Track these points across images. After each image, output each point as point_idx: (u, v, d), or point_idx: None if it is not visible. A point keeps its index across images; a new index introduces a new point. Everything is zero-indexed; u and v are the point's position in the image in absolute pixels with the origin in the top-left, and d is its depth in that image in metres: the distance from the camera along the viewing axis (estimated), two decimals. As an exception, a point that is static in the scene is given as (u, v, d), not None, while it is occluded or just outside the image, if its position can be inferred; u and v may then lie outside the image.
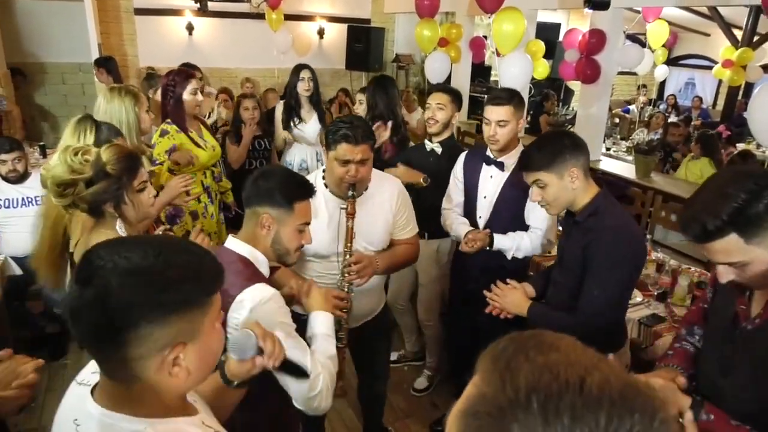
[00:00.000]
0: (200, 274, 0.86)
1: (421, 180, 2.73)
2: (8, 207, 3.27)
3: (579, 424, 0.49)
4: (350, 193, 1.96)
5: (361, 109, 3.63)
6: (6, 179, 3.26)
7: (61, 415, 0.97)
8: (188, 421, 0.92)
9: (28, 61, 6.73)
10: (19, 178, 3.28)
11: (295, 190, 1.61)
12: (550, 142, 1.84)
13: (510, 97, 2.38)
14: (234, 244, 1.61)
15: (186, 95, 3.02)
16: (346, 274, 1.98)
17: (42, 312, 3.60)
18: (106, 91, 2.65)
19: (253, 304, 1.44)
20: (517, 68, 4.12)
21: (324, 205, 2.07)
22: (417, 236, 2.30)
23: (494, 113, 2.37)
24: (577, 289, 1.88)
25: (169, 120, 3.02)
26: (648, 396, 0.53)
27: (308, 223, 1.66)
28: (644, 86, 9.69)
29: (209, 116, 4.13)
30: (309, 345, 1.57)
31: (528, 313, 1.96)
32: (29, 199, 3.29)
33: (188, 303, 0.84)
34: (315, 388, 1.46)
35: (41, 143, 4.83)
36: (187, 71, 3.22)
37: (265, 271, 1.62)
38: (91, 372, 0.97)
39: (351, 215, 1.96)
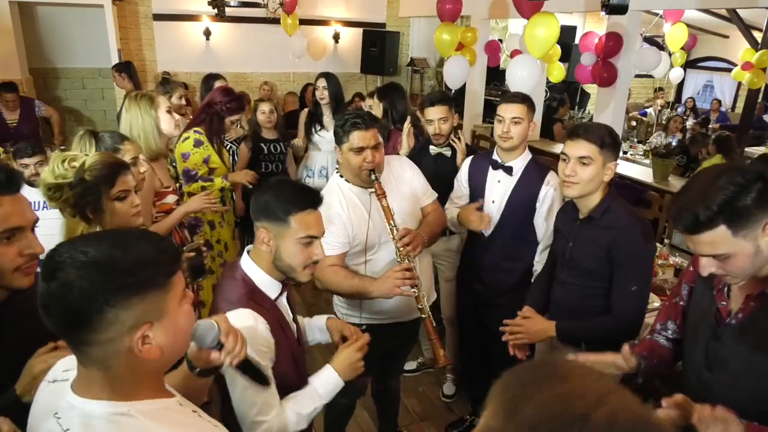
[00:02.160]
0: (156, 257, 0.92)
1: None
2: (30, 210, 3.32)
3: None
4: (373, 177, 2.03)
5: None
6: (29, 183, 3.31)
7: (36, 413, 1.00)
8: (166, 402, 0.97)
9: (48, 67, 6.85)
10: (41, 181, 3.34)
11: (291, 201, 1.48)
12: (610, 129, 1.91)
13: (523, 97, 2.45)
14: (244, 261, 1.55)
15: (228, 121, 3.13)
16: (401, 249, 2.03)
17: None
18: (127, 101, 2.68)
19: None
20: (526, 71, 4.08)
21: (358, 200, 2.12)
22: (437, 201, 2.39)
23: (508, 110, 2.39)
24: (591, 288, 1.97)
25: (199, 129, 3.05)
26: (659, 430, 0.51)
27: (315, 237, 1.52)
28: (661, 89, 9.59)
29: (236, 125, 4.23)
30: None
31: (557, 332, 1.98)
32: (50, 202, 3.34)
33: (147, 285, 0.89)
34: (254, 429, 1.41)
35: (62, 147, 4.91)
36: (245, 102, 3.31)
37: (271, 291, 1.53)
38: (62, 370, 1.02)
39: (382, 195, 2.02)
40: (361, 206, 2.11)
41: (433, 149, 2.93)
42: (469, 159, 2.70)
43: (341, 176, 2.16)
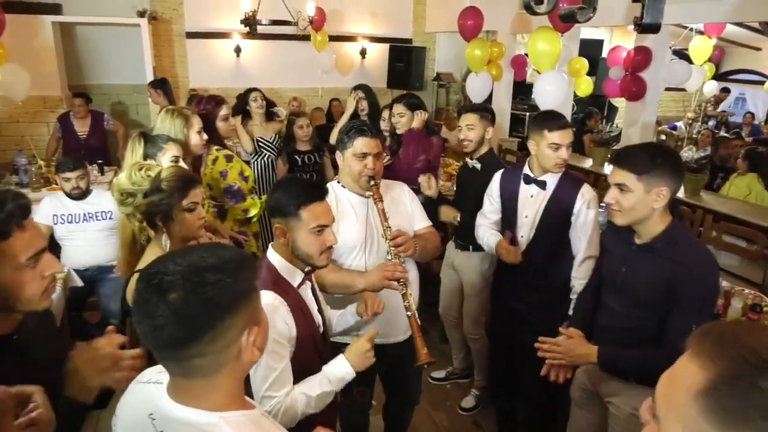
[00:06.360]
0: (247, 263, 0.97)
1: (454, 218, 2.96)
2: (71, 222, 3.45)
3: None
4: (371, 182, 2.09)
5: (402, 121, 3.54)
6: (69, 195, 3.45)
7: (130, 412, 1.04)
8: (251, 413, 1.00)
9: (87, 83, 7.09)
10: (82, 194, 3.47)
11: (298, 195, 1.62)
12: (657, 151, 1.78)
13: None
14: (269, 252, 1.71)
15: (218, 122, 3.12)
16: (392, 248, 2.06)
17: (98, 322, 3.75)
18: (162, 112, 2.74)
19: None
20: (552, 86, 4.11)
21: (350, 206, 2.17)
22: (434, 228, 2.39)
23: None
24: (641, 318, 1.84)
25: (217, 147, 3.02)
26: None
27: (326, 225, 1.65)
28: (718, 101, 9.45)
29: (276, 137, 4.30)
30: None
31: (599, 359, 1.85)
32: (90, 215, 3.47)
33: (251, 289, 0.95)
34: (263, 403, 1.49)
35: (100, 161, 5.07)
36: (217, 97, 3.28)
37: (293, 279, 1.66)
38: (156, 372, 1.04)
39: (379, 198, 2.08)
40: (352, 212, 2.16)
41: (469, 162, 3.01)
42: (499, 173, 2.71)
43: (338, 182, 2.22)
